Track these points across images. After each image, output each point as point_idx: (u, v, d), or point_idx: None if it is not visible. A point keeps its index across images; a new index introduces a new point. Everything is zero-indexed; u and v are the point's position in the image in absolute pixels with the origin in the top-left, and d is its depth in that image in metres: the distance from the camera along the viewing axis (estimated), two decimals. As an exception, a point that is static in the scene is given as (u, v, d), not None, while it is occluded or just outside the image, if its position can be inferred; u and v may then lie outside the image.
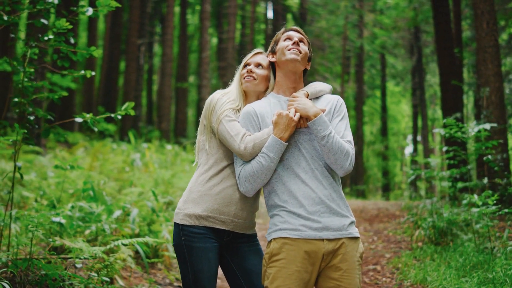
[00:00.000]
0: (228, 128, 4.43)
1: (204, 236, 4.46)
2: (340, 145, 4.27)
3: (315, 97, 4.58)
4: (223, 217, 4.49)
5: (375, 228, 14.00)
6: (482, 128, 9.62)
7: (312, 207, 4.25)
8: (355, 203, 21.82)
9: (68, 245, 6.71)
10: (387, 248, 11.31)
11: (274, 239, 4.28)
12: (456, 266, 8.55)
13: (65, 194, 10.25)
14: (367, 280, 9.16)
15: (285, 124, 4.28)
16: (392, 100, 49.49)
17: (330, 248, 4.24)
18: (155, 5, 39.78)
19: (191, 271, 4.45)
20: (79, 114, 6.13)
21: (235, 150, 4.36)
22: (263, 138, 4.34)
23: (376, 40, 37.78)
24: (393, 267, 9.68)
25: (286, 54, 4.50)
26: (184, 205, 4.54)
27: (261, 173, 4.30)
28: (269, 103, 4.54)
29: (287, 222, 4.26)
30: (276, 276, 4.21)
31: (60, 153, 16.82)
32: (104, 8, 5.86)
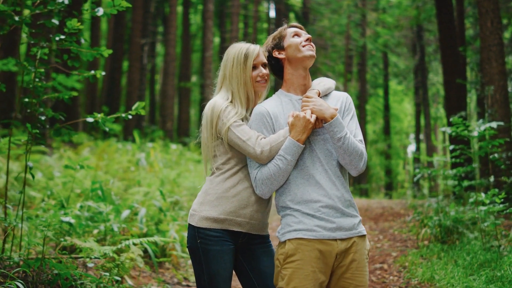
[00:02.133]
0: (238, 134, 4.36)
1: (220, 239, 4.43)
2: (355, 146, 4.29)
3: (324, 94, 4.54)
4: (240, 219, 4.47)
5: (380, 227, 14.01)
6: (489, 126, 9.62)
7: (326, 208, 4.26)
8: (359, 202, 21.83)
9: (79, 244, 6.72)
10: (393, 247, 11.32)
11: (289, 240, 4.28)
12: (464, 264, 8.56)
13: (72, 194, 10.28)
14: (374, 279, 9.17)
15: (302, 126, 4.25)
16: (394, 99, 49.47)
17: (343, 248, 4.27)
18: (157, 5, 39.79)
19: (207, 273, 4.44)
20: (83, 114, 6.15)
21: (251, 154, 4.31)
22: (279, 140, 4.29)
23: (379, 39, 37.78)
24: (400, 266, 9.69)
25: (303, 50, 4.46)
26: (200, 207, 4.50)
27: (279, 176, 4.29)
28: (280, 102, 4.49)
29: (301, 222, 4.27)
30: (292, 277, 4.22)
31: (65, 153, 16.83)
32: (114, 8, 5.86)
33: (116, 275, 6.78)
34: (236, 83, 4.54)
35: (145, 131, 30.78)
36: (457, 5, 20.11)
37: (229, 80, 4.57)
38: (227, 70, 4.59)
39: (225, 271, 4.45)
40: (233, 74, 4.55)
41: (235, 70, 4.55)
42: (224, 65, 4.64)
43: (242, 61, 4.55)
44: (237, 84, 4.54)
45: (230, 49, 4.67)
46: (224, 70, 4.63)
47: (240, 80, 4.54)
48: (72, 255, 6.77)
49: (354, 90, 42.91)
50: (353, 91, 43.01)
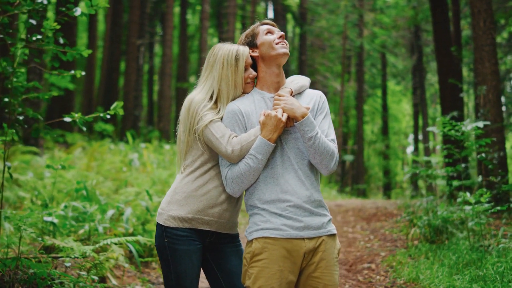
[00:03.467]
0: (213, 130, 4.34)
1: (188, 238, 4.44)
2: (326, 145, 4.28)
3: (297, 93, 4.53)
4: (208, 218, 4.47)
5: (372, 227, 14.02)
6: (476, 126, 9.64)
7: (294, 207, 4.25)
8: (354, 202, 21.86)
9: (58, 244, 6.73)
10: (383, 247, 11.33)
11: (255, 238, 4.28)
12: (449, 264, 8.58)
13: (60, 194, 10.30)
14: (361, 279, 9.19)
15: (273, 126, 4.23)
16: (393, 99, 49.48)
17: (311, 247, 4.27)
18: (155, 6, 39.80)
19: (174, 272, 4.45)
20: (76, 114, 6.15)
21: (222, 152, 4.31)
22: (250, 139, 4.29)
23: (376, 39, 37.78)
24: (387, 266, 9.70)
25: (277, 48, 4.45)
26: (168, 206, 4.50)
27: (249, 175, 4.28)
28: (253, 100, 4.48)
29: (268, 221, 4.26)
30: (258, 276, 4.21)
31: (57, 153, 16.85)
32: (92, 8, 5.88)
33: (95, 274, 6.78)
34: (226, 84, 4.50)
35: (141, 131, 30.80)
36: (453, 5, 20.14)
37: (218, 81, 4.52)
38: (216, 71, 4.53)
39: (192, 270, 4.46)
40: (223, 75, 4.51)
41: (225, 71, 4.50)
42: (211, 65, 4.58)
43: (233, 63, 4.51)
44: (227, 85, 4.50)
45: (217, 50, 4.61)
46: (210, 70, 4.58)
47: (231, 81, 4.50)
48: (51, 255, 6.77)
49: (352, 91, 42.93)
50: (351, 91, 43.04)
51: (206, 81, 4.58)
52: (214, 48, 4.65)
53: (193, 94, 4.59)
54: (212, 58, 4.60)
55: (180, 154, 4.61)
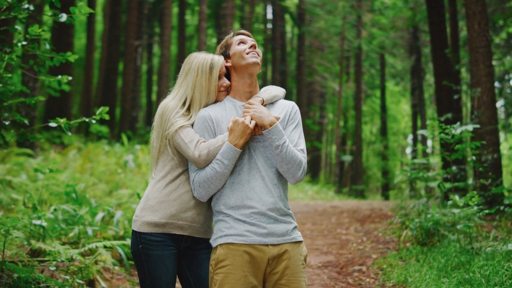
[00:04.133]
0: (182, 135, 4.40)
1: (162, 243, 4.47)
2: (293, 154, 4.32)
3: (270, 102, 4.59)
4: (181, 223, 4.50)
5: (365, 229, 14.05)
6: (466, 129, 9.68)
7: (258, 215, 4.30)
8: (350, 203, 21.88)
9: (44, 248, 6.77)
10: (375, 249, 11.35)
11: (219, 245, 4.32)
12: (438, 266, 8.61)
13: (52, 197, 10.33)
14: (350, 281, 9.22)
15: (240, 131, 4.29)
16: (392, 100, 49.50)
17: (275, 253, 4.31)
18: (153, 6, 39.83)
19: (149, 278, 4.49)
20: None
21: (190, 157, 4.36)
22: (217, 145, 4.34)
23: (374, 40, 37.79)
24: (378, 268, 9.73)
25: (247, 58, 4.50)
26: (141, 213, 4.54)
27: (215, 179, 4.33)
28: (224, 108, 4.54)
29: (232, 228, 4.31)
30: (223, 282, 4.25)
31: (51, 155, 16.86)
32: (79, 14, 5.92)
33: (81, 278, 6.81)
34: (199, 91, 4.56)
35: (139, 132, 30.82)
36: (450, 7, 20.14)
37: (192, 88, 4.58)
38: (190, 78, 4.59)
39: (166, 275, 4.49)
40: (197, 83, 4.57)
41: (199, 79, 4.56)
42: (185, 73, 4.65)
43: (207, 71, 4.56)
44: (200, 93, 4.56)
45: (192, 58, 4.67)
46: (185, 77, 4.64)
47: (204, 89, 4.56)
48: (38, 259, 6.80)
49: (350, 91, 42.97)
50: (349, 92, 43.08)
51: (180, 88, 4.64)
52: (190, 56, 4.71)
53: (166, 100, 4.64)
54: (187, 66, 4.66)
55: (152, 160, 4.67)
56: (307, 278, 9.46)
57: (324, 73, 41.45)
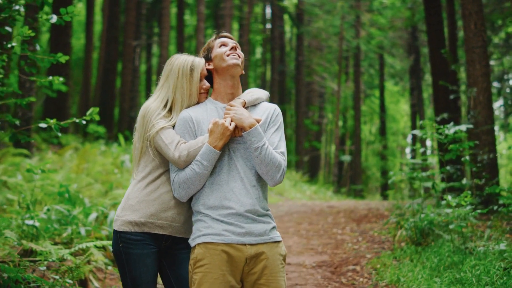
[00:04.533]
0: (163, 137, 4.45)
1: (142, 242, 4.52)
2: (272, 157, 4.37)
3: (252, 104, 4.63)
4: (161, 222, 4.55)
5: (361, 229, 14.07)
6: (459, 129, 9.71)
7: (236, 215, 4.35)
8: (347, 203, 21.91)
9: (35, 248, 6.80)
10: (370, 249, 11.38)
11: (198, 244, 4.38)
12: (431, 266, 8.63)
13: (47, 197, 10.35)
14: (344, 281, 9.24)
15: (220, 133, 4.33)
16: (391, 100, 49.53)
17: (253, 252, 4.35)
18: (153, 7, 39.86)
19: (129, 277, 4.53)
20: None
21: (170, 158, 4.41)
22: (197, 146, 4.39)
23: (373, 40, 37.80)
24: (372, 268, 9.75)
25: (227, 59, 4.54)
26: (122, 212, 4.58)
27: (195, 180, 4.38)
28: (206, 109, 4.58)
29: (210, 227, 4.35)
30: (202, 282, 4.30)
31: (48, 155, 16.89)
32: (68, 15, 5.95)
33: (71, 278, 6.84)
34: (180, 93, 4.62)
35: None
36: (448, 7, 20.16)
37: (173, 90, 4.63)
38: (171, 80, 4.64)
39: (147, 274, 4.54)
40: (178, 85, 4.62)
41: (180, 81, 4.62)
42: (166, 75, 4.70)
43: (188, 73, 4.62)
44: (181, 94, 4.62)
45: (173, 60, 4.73)
46: (166, 79, 4.69)
47: (186, 91, 4.62)
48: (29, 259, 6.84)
49: (350, 91, 42.99)
50: (348, 92, 43.09)
51: (162, 90, 4.69)
52: (171, 58, 4.76)
53: (148, 102, 4.69)
54: (168, 68, 4.71)
55: (134, 161, 4.71)
56: (301, 277, 9.51)
57: (323, 73, 41.47)
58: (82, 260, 7.05)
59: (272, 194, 24.04)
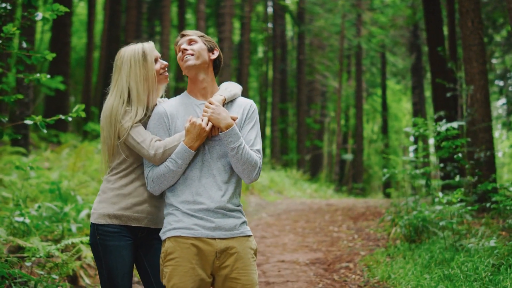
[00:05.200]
0: (134, 136, 4.48)
1: (119, 234, 4.57)
2: (248, 156, 4.42)
3: (229, 100, 4.64)
4: (137, 215, 4.60)
5: (358, 226, 14.11)
6: (451, 126, 9.73)
7: (206, 211, 4.39)
8: (346, 201, 21.92)
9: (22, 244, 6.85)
10: (365, 246, 11.42)
11: (168, 238, 4.42)
12: (423, 263, 8.67)
13: (42, 195, 10.39)
14: (336, 278, 9.27)
15: (196, 134, 4.37)
16: (393, 98, 49.53)
17: (222, 247, 4.40)
18: (154, 6, 39.92)
19: (105, 268, 4.58)
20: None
21: (145, 155, 4.45)
22: (173, 144, 4.43)
23: (374, 38, 37.79)
24: (365, 265, 9.79)
25: (182, 65, 4.56)
26: (98, 205, 4.63)
27: (169, 177, 4.42)
28: (181, 103, 4.61)
29: (181, 221, 4.40)
30: (172, 275, 4.35)
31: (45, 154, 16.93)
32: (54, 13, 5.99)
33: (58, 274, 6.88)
34: (134, 81, 4.61)
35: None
36: (447, 4, 20.12)
37: (127, 81, 4.63)
38: (124, 72, 4.63)
39: (123, 265, 4.58)
40: (131, 74, 4.62)
41: (134, 69, 4.62)
42: (119, 68, 4.69)
43: (141, 59, 4.63)
44: (136, 82, 4.61)
45: (122, 52, 4.73)
46: (119, 73, 4.68)
47: (140, 77, 4.61)
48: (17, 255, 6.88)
49: (351, 90, 42.99)
50: (350, 91, 43.10)
51: (117, 85, 4.67)
52: (119, 52, 4.76)
53: (110, 101, 4.66)
54: (119, 61, 4.71)
55: (105, 158, 4.71)
56: (293, 274, 9.55)
57: (325, 72, 41.46)
58: (69, 256, 7.09)
59: (271, 192, 24.08)
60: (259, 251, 11.60)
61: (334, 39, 39.40)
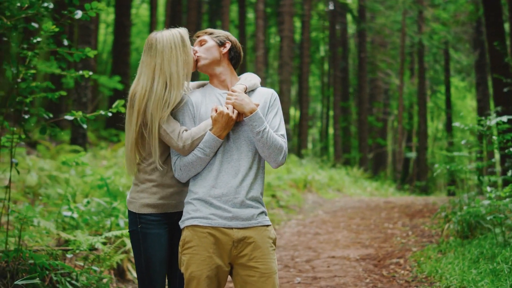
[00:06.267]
0: (164, 126, 4.52)
1: (159, 222, 4.68)
2: (274, 140, 4.48)
3: (250, 90, 4.72)
4: (174, 202, 4.70)
5: (413, 223, 14.00)
6: (500, 120, 9.61)
7: (225, 197, 4.46)
8: (405, 199, 21.71)
9: (64, 237, 7.02)
10: (418, 242, 11.34)
11: (186, 226, 4.51)
12: (471, 258, 8.58)
13: (93, 191, 10.60)
14: (385, 273, 9.23)
15: (224, 123, 4.44)
16: (457, 96, 48.79)
17: (240, 236, 4.46)
18: (216, 6, 40.25)
19: (144, 256, 4.68)
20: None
21: (174, 147, 4.51)
22: (200, 134, 4.47)
23: (435, 35, 37.33)
24: (415, 261, 9.73)
25: (196, 65, 4.75)
26: (138, 195, 4.71)
27: (196, 165, 4.50)
28: (204, 92, 4.71)
29: (198, 210, 4.47)
30: (189, 263, 4.44)
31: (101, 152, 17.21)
32: (93, 11, 6.13)
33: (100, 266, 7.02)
34: (176, 65, 4.61)
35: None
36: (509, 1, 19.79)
37: (168, 65, 4.60)
38: (166, 56, 4.60)
39: (161, 252, 4.69)
40: (172, 58, 4.61)
41: (174, 53, 4.62)
42: (160, 52, 4.61)
43: (180, 43, 4.66)
44: (177, 66, 4.60)
45: (159, 37, 4.68)
46: (160, 56, 4.61)
47: (181, 62, 4.62)
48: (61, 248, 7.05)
49: (414, 87, 42.55)
50: (413, 88, 42.64)
51: (156, 69, 4.62)
52: (154, 37, 4.71)
53: (142, 84, 4.63)
54: (159, 45, 4.63)
55: (157, 148, 4.64)
56: (342, 270, 9.55)
57: (387, 69, 41.16)
58: (112, 248, 7.23)
59: (330, 190, 24.01)
60: (310, 248, 11.63)
61: (396, 37, 39.07)
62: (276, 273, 4.55)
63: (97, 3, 6.05)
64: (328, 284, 8.68)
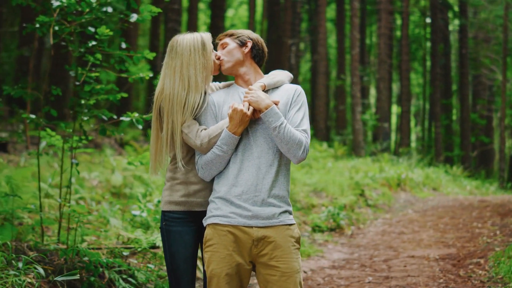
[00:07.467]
0: (183, 128, 4.61)
1: (183, 220, 4.73)
2: (291, 135, 4.45)
3: (273, 87, 4.73)
4: (200, 200, 4.74)
5: (503, 223, 13.66)
6: None
7: (245, 195, 4.48)
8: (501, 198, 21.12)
9: (123, 235, 7.18)
10: (504, 242, 11.06)
11: (208, 225, 4.56)
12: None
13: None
14: (462, 273, 9.07)
15: (239, 119, 4.47)
16: None
17: (260, 235, 4.47)
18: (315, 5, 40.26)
19: (169, 252, 4.77)
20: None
21: (192, 145, 4.58)
22: (217, 132, 4.53)
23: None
24: (494, 261, 9.50)
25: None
26: (165, 193, 4.83)
27: (216, 163, 4.54)
28: (228, 93, 4.76)
29: (219, 209, 4.51)
30: (210, 260, 4.49)
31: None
32: (149, 13, 6.26)
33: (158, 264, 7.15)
34: (194, 69, 4.69)
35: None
36: None
37: (187, 68, 4.69)
38: (185, 58, 4.69)
39: (185, 250, 4.74)
40: (191, 61, 4.69)
41: (193, 57, 4.69)
42: (179, 54, 4.72)
43: (200, 47, 4.71)
44: (196, 70, 4.68)
45: (180, 40, 4.77)
46: (180, 59, 4.71)
47: (200, 65, 4.69)
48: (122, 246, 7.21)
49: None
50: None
51: (176, 71, 4.71)
52: (175, 39, 4.81)
53: (167, 85, 4.72)
54: (179, 48, 4.74)
55: (179, 148, 4.69)
56: (418, 270, 9.43)
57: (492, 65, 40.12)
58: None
59: (425, 189, 23.62)
60: (391, 247, 11.52)
61: (500, 31, 38.03)
62: (299, 272, 4.53)
63: (152, 6, 6.17)
64: (398, 283, 8.59)
